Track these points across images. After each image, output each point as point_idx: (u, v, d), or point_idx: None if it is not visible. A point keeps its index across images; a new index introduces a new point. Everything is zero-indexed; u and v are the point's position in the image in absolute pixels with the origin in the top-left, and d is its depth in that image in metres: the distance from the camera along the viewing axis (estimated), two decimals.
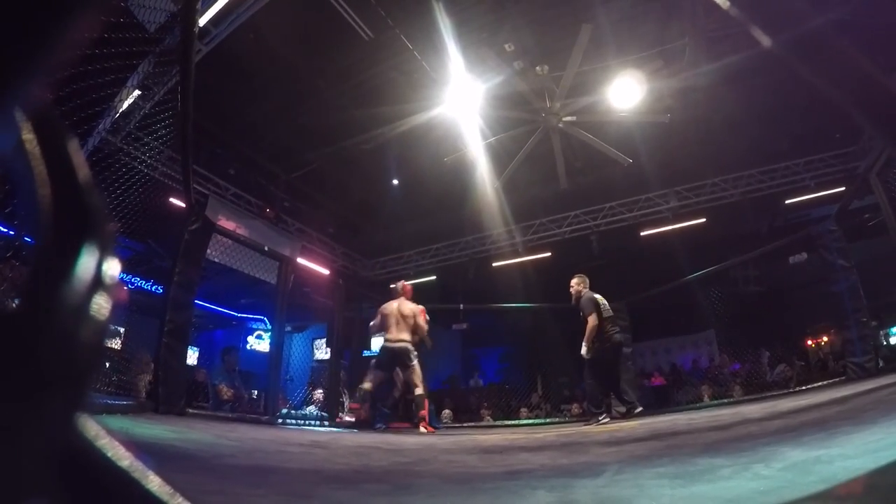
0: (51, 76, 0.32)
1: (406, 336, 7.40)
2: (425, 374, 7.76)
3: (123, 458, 0.39)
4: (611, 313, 7.58)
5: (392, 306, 7.57)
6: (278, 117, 10.22)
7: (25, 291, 0.32)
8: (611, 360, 7.52)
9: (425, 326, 7.65)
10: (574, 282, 7.89)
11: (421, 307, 7.78)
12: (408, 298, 7.74)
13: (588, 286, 7.81)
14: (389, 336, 7.42)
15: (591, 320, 7.32)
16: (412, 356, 7.32)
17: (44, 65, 0.31)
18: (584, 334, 7.45)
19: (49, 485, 0.33)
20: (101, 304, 0.34)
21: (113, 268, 0.36)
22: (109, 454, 0.38)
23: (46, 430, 0.30)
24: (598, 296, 7.61)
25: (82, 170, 0.38)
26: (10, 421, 0.28)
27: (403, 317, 7.47)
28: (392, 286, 7.97)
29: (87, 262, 0.34)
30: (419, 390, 7.24)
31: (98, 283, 0.34)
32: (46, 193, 0.35)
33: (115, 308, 0.35)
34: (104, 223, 0.37)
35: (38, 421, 0.30)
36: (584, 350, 7.44)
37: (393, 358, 7.43)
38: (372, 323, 7.81)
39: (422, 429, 6.94)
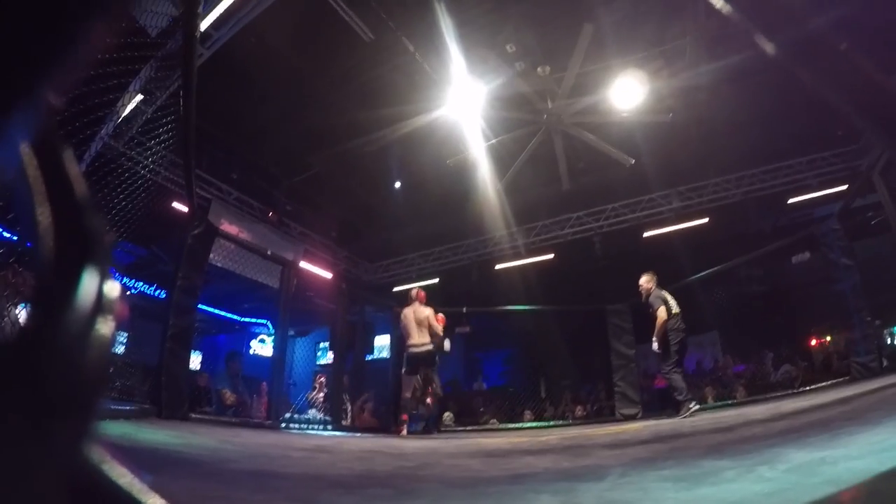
0: (53, 96, 0.32)
1: (427, 339, 7.66)
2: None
3: (129, 482, 0.39)
4: (677, 310, 7.73)
5: (406, 314, 7.87)
6: (280, 121, 10.22)
7: (29, 318, 0.32)
8: (678, 352, 7.66)
9: (438, 328, 7.86)
10: (644, 280, 8.07)
11: (440, 316, 8.08)
12: (421, 304, 7.95)
13: (657, 284, 7.99)
14: (412, 342, 7.70)
15: (661, 313, 7.53)
16: (437, 359, 7.67)
17: (45, 85, 0.31)
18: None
19: None
20: (105, 329, 0.34)
21: (114, 290, 0.36)
22: (116, 479, 0.38)
23: (54, 457, 0.30)
24: (666, 293, 7.84)
25: (81, 190, 0.38)
26: (18, 448, 0.28)
27: (419, 321, 7.71)
28: (410, 293, 8.23)
29: (88, 287, 0.34)
30: (430, 396, 7.56)
31: (100, 306, 0.34)
32: (46, 216, 0.35)
33: (118, 329, 0.35)
34: (104, 245, 0.37)
35: (46, 448, 0.30)
36: (654, 346, 7.65)
37: (418, 362, 7.68)
38: (399, 334, 8.18)
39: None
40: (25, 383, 0.30)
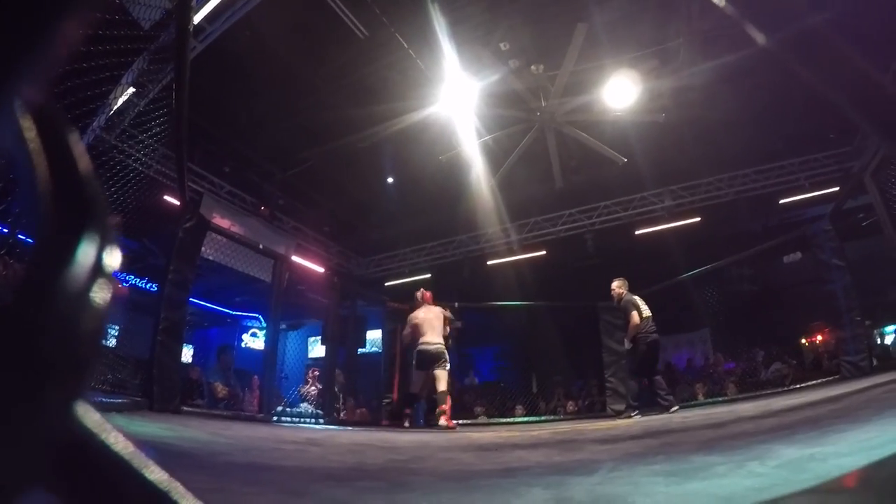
0: (50, 68, 0.32)
1: (440, 339, 7.85)
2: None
3: (122, 446, 0.39)
4: (649, 314, 8.08)
5: (420, 315, 8.00)
6: (273, 115, 10.18)
7: (25, 278, 0.32)
8: (649, 354, 7.99)
9: (446, 329, 8.10)
10: (615, 284, 8.43)
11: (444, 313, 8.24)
12: (430, 304, 8.17)
13: (628, 289, 8.35)
14: (426, 339, 7.84)
15: (634, 317, 7.91)
16: (447, 357, 7.79)
17: (43, 56, 0.31)
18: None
19: (48, 474, 0.33)
20: (101, 292, 0.34)
21: (113, 256, 0.36)
22: (108, 442, 0.38)
23: (45, 418, 0.30)
24: (637, 298, 8.18)
25: (82, 159, 0.38)
26: (9, 409, 0.28)
27: (433, 320, 7.91)
28: (416, 294, 8.39)
29: (87, 250, 0.34)
30: (442, 386, 7.54)
31: (98, 270, 0.34)
32: (47, 182, 0.35)
33: (115, 296, 0.35)
34: (104, 212, 0.37)
35: (38, 409, 0.30)
36: (626, 344, 8.16)
37: (431, 359, 7.79)
38: (405, 332, 8.25)
39: (442, 421, 7.23)
40: (19, 341, 0.30)
